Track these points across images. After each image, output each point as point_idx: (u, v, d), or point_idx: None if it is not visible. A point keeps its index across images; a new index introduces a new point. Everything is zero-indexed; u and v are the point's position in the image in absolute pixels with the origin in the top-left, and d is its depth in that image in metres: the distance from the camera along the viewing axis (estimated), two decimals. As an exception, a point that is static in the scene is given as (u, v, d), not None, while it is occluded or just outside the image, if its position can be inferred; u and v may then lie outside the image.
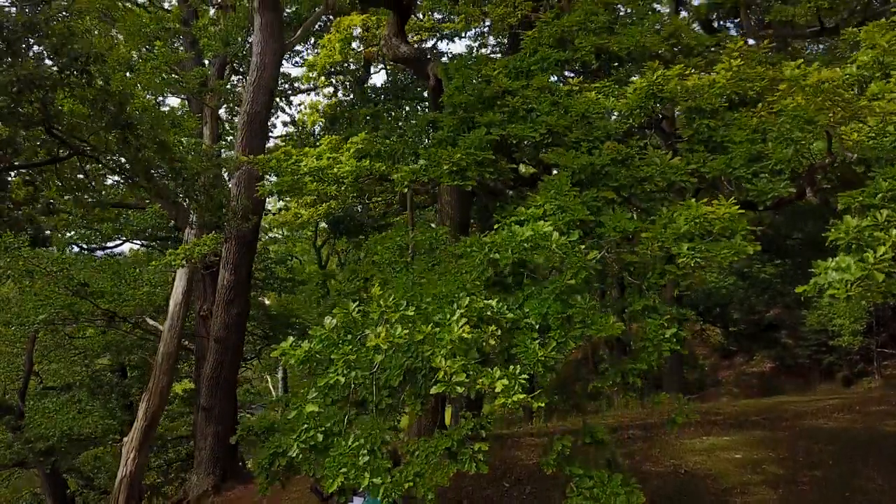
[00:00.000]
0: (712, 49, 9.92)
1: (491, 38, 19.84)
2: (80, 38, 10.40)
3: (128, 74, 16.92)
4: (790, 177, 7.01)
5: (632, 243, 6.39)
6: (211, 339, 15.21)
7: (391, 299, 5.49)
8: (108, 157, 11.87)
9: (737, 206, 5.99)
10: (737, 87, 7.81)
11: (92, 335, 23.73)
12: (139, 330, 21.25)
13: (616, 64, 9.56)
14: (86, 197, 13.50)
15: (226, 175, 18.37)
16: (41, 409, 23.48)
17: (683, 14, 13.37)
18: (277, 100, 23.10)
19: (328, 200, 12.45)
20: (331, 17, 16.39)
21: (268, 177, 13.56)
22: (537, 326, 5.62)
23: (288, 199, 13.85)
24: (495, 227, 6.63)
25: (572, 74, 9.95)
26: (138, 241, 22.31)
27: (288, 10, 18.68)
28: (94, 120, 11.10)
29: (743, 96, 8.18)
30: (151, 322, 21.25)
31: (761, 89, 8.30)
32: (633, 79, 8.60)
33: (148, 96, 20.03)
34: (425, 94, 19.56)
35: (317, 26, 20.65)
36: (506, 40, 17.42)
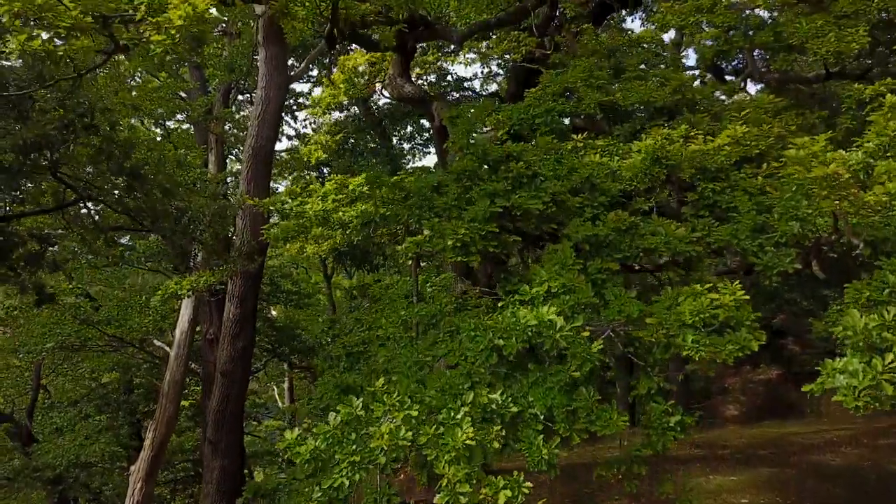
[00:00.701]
0: (720, 97, 9.88)
1: (495, 56, 19.67)
2: (86, 87, 10.44)
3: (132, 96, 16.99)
4: (794, 245, 6.99)
5: (637, 324, 6.36)
6: (217, 372, 15.25)
7: (395, 396, 5.49)
8: (114, 200, 11.92)
9: (742, 292, 5.96)
10: (742, 151, 7.79)
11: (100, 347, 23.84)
12: (146, 354, 21.43)
13: (622, 112, 9.53)
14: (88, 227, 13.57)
15: (231, 199, 18.47)
16: (49, 425, 23.68)
17: (687, 53, 13.34)
18: (283, 114, 23.11)
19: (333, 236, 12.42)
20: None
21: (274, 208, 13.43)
22: (542, 417, 5.63)
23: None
24: (499, 304, 6.62)
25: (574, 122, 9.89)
26: (144, 268, 22.38)
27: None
28: (99, 166, 11.17)
29: (748, 155, 8.16)
30: (158, 343, 21.41)
31: (767, 147, 8.28)
32: (637, 139, 8.58)
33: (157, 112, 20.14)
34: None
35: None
36: (509, 57, 17.31)
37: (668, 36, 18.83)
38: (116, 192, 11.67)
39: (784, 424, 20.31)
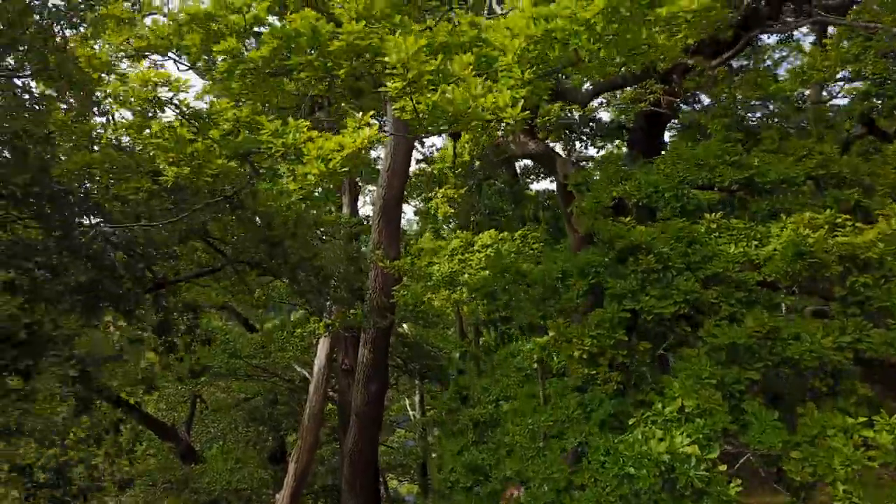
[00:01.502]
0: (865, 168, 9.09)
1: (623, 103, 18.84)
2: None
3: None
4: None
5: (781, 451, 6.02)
6: (353, 414, 15.97)
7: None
8: (257, 263, 12.81)
9: (901, 428, 5.50)
10: (898, 247, 7.15)
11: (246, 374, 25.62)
12: (287, 382, 22.93)
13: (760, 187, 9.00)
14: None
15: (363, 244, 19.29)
16: (205, 434, 25.87)
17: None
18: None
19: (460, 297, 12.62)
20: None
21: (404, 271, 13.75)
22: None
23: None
24: (629, 421, 6.50)
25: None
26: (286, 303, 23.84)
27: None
28: (245, 235, 12.06)
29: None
30: (298, 368, 22.83)
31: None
32: (777, 218, 8.09)
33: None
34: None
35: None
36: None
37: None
38: (259, 255, 12.51)
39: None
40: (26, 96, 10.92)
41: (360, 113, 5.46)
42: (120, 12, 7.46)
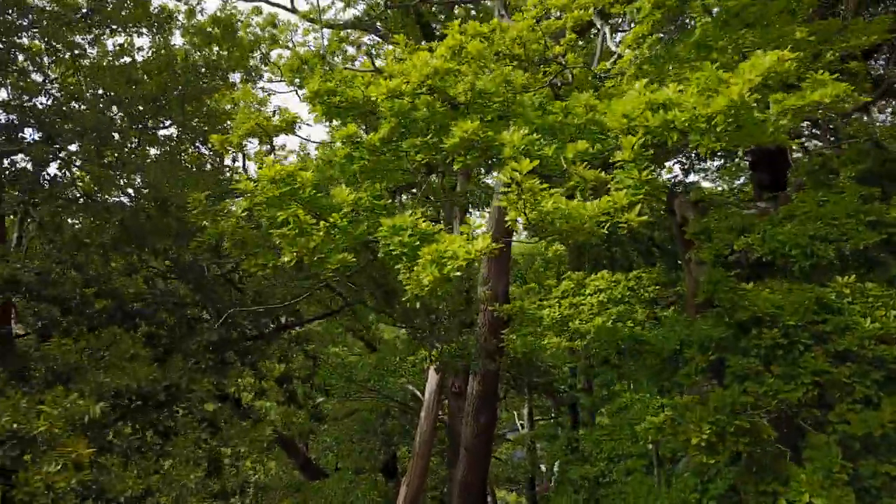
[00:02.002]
0: None
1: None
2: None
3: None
4: None
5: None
6: (462, 447, 16.18)
7: None
8: (374, 307, 13.32)
9: None
10: None
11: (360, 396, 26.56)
12: (398, 403, 23.58)
13: None
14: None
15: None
16: (320, 442, 27.00)
17: None
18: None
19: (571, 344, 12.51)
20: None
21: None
22: None
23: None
24: (753, 514, 6.25)
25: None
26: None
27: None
28: (362, 281, 12.55)
29: None
30: (409, 387, 23.44)
31: None
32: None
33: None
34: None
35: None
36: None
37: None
38: (376, 301, 12.97)
39: None
40: (167, 149, 11.92)
41: (475, 216, 5.56)
42: (250, 97, 7.96)
